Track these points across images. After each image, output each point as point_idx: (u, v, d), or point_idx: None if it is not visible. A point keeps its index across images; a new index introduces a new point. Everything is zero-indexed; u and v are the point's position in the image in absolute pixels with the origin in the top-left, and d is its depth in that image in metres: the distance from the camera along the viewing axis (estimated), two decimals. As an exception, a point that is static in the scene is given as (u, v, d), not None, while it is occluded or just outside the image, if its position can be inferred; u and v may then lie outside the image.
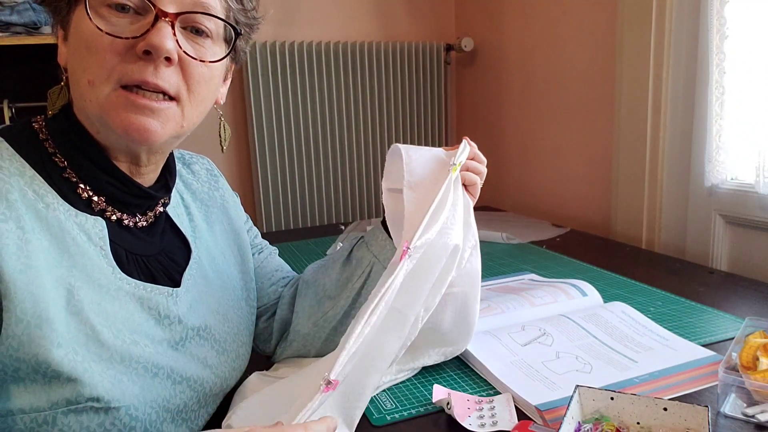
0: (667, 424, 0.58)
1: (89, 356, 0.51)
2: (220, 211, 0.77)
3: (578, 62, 1.67)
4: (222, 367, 0.66)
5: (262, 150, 2.01)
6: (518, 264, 1.27)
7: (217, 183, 0.79)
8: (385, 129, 2.17)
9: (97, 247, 0.56)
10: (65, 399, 0.50)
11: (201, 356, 0.63)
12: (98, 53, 0.53)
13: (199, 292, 0.66)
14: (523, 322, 0.89)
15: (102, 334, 0.53)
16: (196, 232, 0.71)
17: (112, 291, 0.56)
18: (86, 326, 0.52)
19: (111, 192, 0.59)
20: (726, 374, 0.65)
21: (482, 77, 2.16)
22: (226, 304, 0.70)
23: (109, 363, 0.53)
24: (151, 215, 0.64)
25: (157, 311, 0.60)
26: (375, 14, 2.18)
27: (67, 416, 0.50)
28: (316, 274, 0.80)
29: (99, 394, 0.51)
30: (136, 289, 0.58)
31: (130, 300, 0.57)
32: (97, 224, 0.57)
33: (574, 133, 1.72)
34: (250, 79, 1.95)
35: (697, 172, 1.30)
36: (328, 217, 2.15)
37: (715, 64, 1.21)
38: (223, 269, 0.73)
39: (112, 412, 0.52)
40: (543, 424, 0.64)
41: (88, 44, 0.54)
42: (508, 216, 1.84)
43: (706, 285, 1.09)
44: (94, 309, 0.53)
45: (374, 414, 0.68)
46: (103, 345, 0.53)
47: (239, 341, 0.71)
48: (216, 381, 0.65)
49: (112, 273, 0.56)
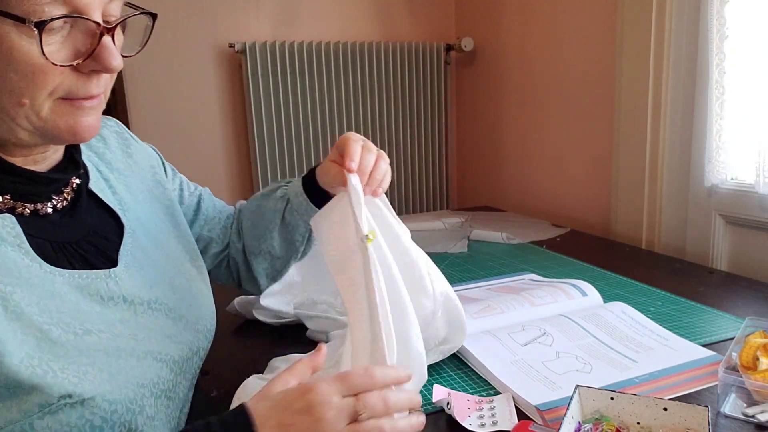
0: (667, 424, 0.58)
1: (45, 357, 0.50)
2: (138, 177, 0.74)
3: (578, 62, 1.67)
4: (183, 333, 0.66)
5: (262, 150, 2.01)
6: (518, 264, 1.27)
7: (130, 147, 0.76)
8: (385, 129, 2.17)
9: (15, 246, 0.53)
10: (36, 404, 0.49)
11: (157, 328, 0.62)
12: (38, 77, 0.50)
13: (140, 266, 0.65)
14: (523, 322, 0.89)
15: (51, 332, 0.51)
16: (122, 204, 0.68)
17: (47, 287, 0.53)
18: (32, 329, 0.50)
19: (13, 188, 0.56)
20: (726, 374, 0.65)
21: (482, 77, 2.16)
22: (171, 271, 0.69)
23: (67, 359, 0.51)
24: (69, 192, 0.61)
25: (99, 296, 0.58)
26: (375, 14, 2.18)
27: (43, 419, 0.49)
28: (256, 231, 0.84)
29: (68, 391, 0.50)
30: (71, 279, 0.56)
31: (70, 291, 0.55)
32: (5, 222, 0.53)
33: (574, 133, 1.72)
34: (250, 79, 1.95)
35: (697, 172, 1.30)
36: (328, 217, 2.14)
37: (715, 64, 1.21)
38: (159, 237, 0.71)
39: (87, 403, 0.51)
40: (543, 424, 0.64)
41: (22, 68, 0.49)
42: (508, 216, 1.84)
43: (706, 285, 1.09)
44: (35, 310, 0.51)
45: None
46: (55, 343, 0.51)
47: (196, 303, 0.71)
48: (181, 347, 0.64)
49: (40, 269, 0.54)
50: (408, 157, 2.22)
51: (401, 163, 2.21)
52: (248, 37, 2.00)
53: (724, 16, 1.19)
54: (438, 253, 1.38)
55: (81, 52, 0.52)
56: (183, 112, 1.99)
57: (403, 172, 2.22)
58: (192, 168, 2.03)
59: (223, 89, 2.03)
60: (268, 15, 2.03)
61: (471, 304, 0.96)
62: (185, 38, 1.95)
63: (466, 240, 1.50)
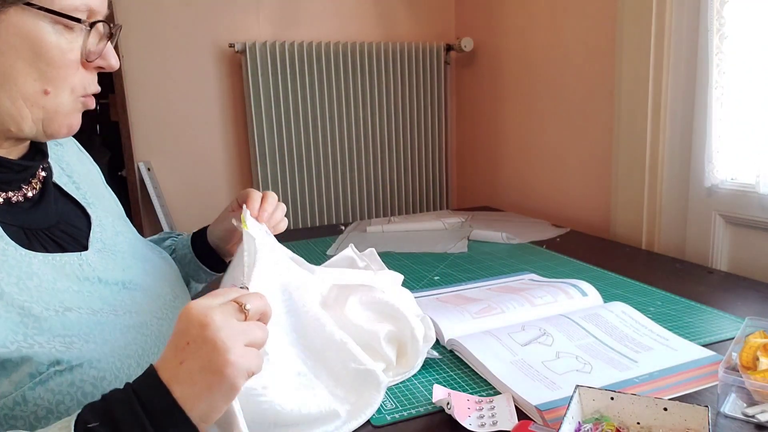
0: (667, 424, 0.58)
1: (31, 332, 0.52)
2: (92, 184, 0.77)
3: (578, 62, 1.67)
4: (162, 309, 0.68)
5: (262, 150, 2.01)
6: (518, 264, 1.27)
7: (82, 155, 0.80)
8: (385, 129, 2.17)
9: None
10: (27, 375, 0.50)
11: (136, 304, 0.64)
12: (62, 68, 0.56)
13: (110, 251, 0.67)
14: (523, 322, 0.89)
15: (33, 309, 0.53)
16: (87, 198, 0.72)
17: (24, 268, 0.55)
18: (14, 306, 0.52)
19: None
20: (726, 374, 0.65)
21: (482, 77, 2.16)
22: (139, 257, 0.72)
23: (51, 333, 0.53)
24: (37, 181, 0.64)
25: (75, 276, 0.60)
26: (375, 14, 2.18)
27: (35, 389, 0.50)
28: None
29: (57, 358, 0.51)
30: (45, 260, 0.58)
31: (47, 271, 0.57)
32: None
33: (574, 133, 1.72)
34: (250, 79, 1.95)
35: (697, 172, 1.30)
36: (328, 217, 2.15)
37: (715, 64, 1.21)
38: (120, 230, 0.74)
39: (76, 369, 0.52)
40: (543, 424, 0.64)
41: (49, 57, 0.55)
42: (508, 216, 1.84)
43: (706, 285, 1.09)
44: (15, 289, 0.53)
45: (374, 414, 0.68)
46: (38, 318, 0.53)
47: (170, 283, 0.74)
48: (162, 323, 0.66)
49: (15, 251, 0.56)
50: (408, 157, 2.22)
51: (401, 163, 2.21)
52: (248, 37, 2.00)
53: (723, 16, 1.19)
54: (438, 253, 1.38)
55: (92, 52, 0.59)
56: (183, 112, 2.00)
57: (403, 172, 2.22)
58: (192, 168, 2.03)
59: (223, 89, 2.03)
60: (268, 15, 2.04)
61: (471, 304, 0.96)
62: (185, 38, 1.95)
63: (466, 240, 1.50)
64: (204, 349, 0.46)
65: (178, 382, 0.45)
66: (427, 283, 1.16)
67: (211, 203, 2.06)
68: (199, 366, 0.45)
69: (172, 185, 2.02)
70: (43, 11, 0.54)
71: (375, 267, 0.88)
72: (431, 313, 0.91)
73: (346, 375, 0.67)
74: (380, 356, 0.74)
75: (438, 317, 0.90)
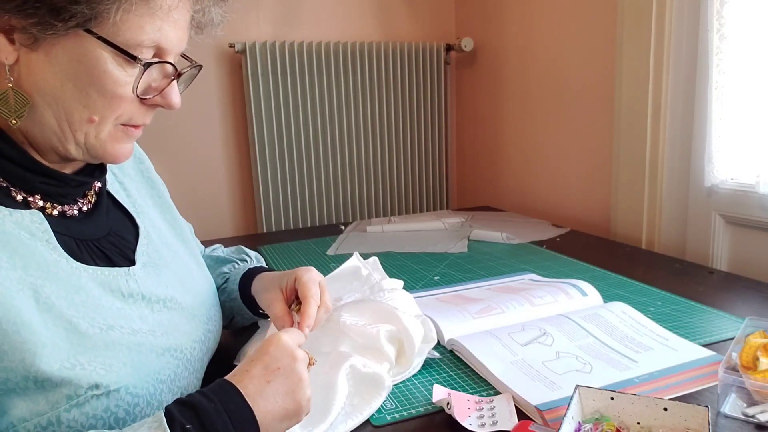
0: (667, 424, 0.58)
1: (74, 350, 0.52)
2: (146, 182, 0.79)
3: (578, 62, 1.67)
4: (196, 332, 0.68)
5: (261, 150, 2.01)
6: (518, 264, 1.27)
7: (135, 153, 0.80)
8: (385, 129, 2.17)
9: (43, 241, 0.55)
10: (65, 396, 0.50)
11: (173, 325, 0.65)
12: (114, 101, 0.55)
13: (155, 266, 0.67)
14: (523, 322, 0.89)
15: (79, 325, 0.53)
16: (136, 206, 0.72)
17: (73, 281, 0.55)
18: (62, 320, 0.52)
19: (45, 189, 0.59)
20: (726, 374, 0.65)
21: (482, 77, 2.16)
22: (182, 274, 0.72)
23: (94, 351, 0.53)
24: (92, 195, 0.65)
25: (120, 292, 0.60)
26: (375, 14, 2.18)
27: (70, 411, 0.50)
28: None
29: (96, 382, 0.51)
30: (94, 274, 0.58)
31: (93, 286, 0.57)
32: (34, 218, 0.56)
33: (574, 133, 1.72)
34: (250, 79, 1.95)
35: (697, 172, 1.30)
36: (328, 217, 2.15)
37: (715, 64, 1.21)
38: (169, 240, 0.74)
39: (113, 394, 0.53)
40: (543, 424, 0.64)
41: (100, 85, 0.54)
42: (508, 216, 1.84)
43: (706, 285, 1.09)
44: (64, 303, 0.53)
45: (374, 414, 0.68)
46: (83, 335, 0.53)
47: (206, 304, 0.74)
48: (195, 346, 0.67)
49: (67, 264, 0.56)
50: (408, 157, 2.22)
51: (401, 163, 2.21)
52: (248, 37, 2.00)
53: (723, 16, 1.19)
54: (438, 253, 1.38)
55: (152, 88, 0.58)
56: (183, 112, 1.99)
57: (403, 172, 2.22)
58: (192, 168, 2.03)
59: (223, 89, 2.03)
60: (268, 15, 2.03)
61: (471, 304, 0.96)
62: (185, 38, 1.95)
63: (466, 240, 1.50)
64: (292, 379, 0.54)
65: (263, 398, 0.52)
66: (427, 283, 1.16)
67: (211, 203, 2.06)
68: (284, 391, 0.53)
69: (172, 185, 2.01)
70: (104, 42, 0.52)
71: (377, 276, 0.91)
72: (431, 313, 0.91)
73: (353, 377, 0.69)
74: (383, 356, 0.75)
75: (438, 317, 0.90)
